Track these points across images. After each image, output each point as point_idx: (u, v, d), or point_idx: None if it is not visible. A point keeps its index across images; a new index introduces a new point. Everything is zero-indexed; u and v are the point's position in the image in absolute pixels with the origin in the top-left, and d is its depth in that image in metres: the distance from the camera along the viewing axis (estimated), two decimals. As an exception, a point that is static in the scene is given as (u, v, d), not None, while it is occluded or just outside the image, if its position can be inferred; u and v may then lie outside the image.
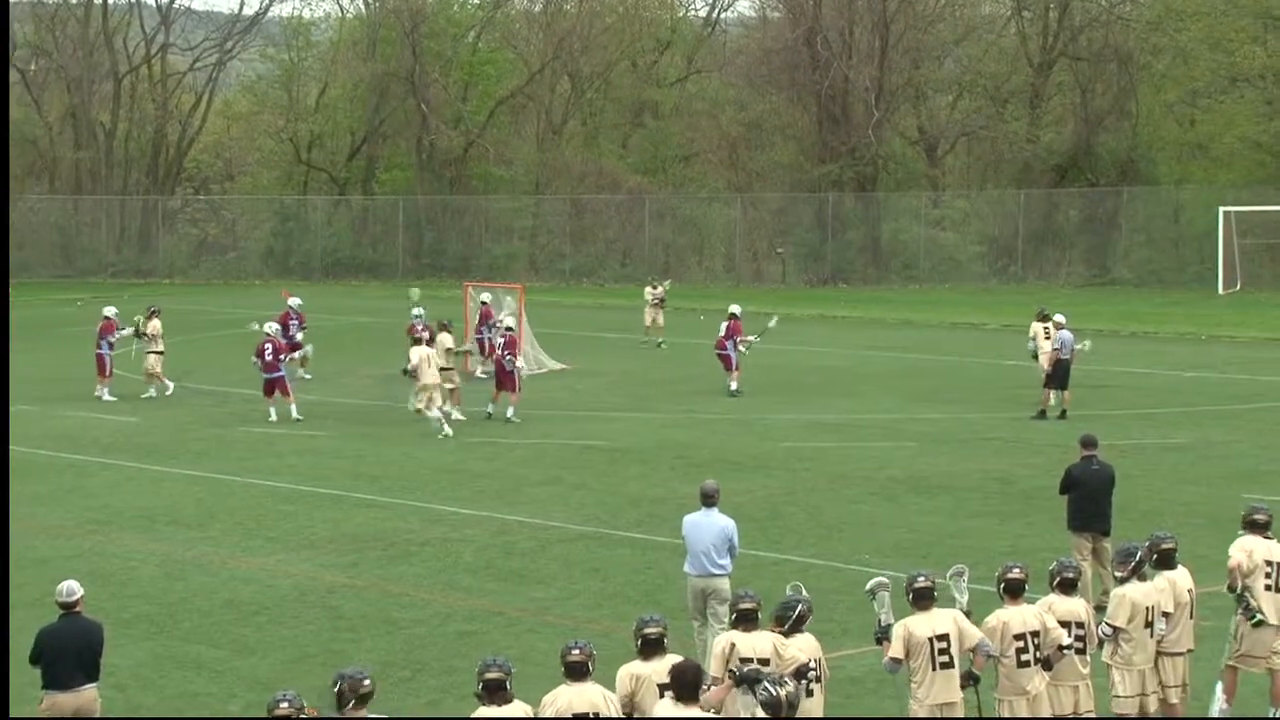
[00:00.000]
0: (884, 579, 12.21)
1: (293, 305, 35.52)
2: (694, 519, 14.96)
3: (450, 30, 70.45)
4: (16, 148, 69.71)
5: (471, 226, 67.58)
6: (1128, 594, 12.57)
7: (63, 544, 19.89)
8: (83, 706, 12.10)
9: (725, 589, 14.45)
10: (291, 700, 9.67)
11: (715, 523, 14.84)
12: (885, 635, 11.83)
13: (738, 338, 33.06)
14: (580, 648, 10.47)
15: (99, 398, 31.83)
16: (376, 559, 19.29)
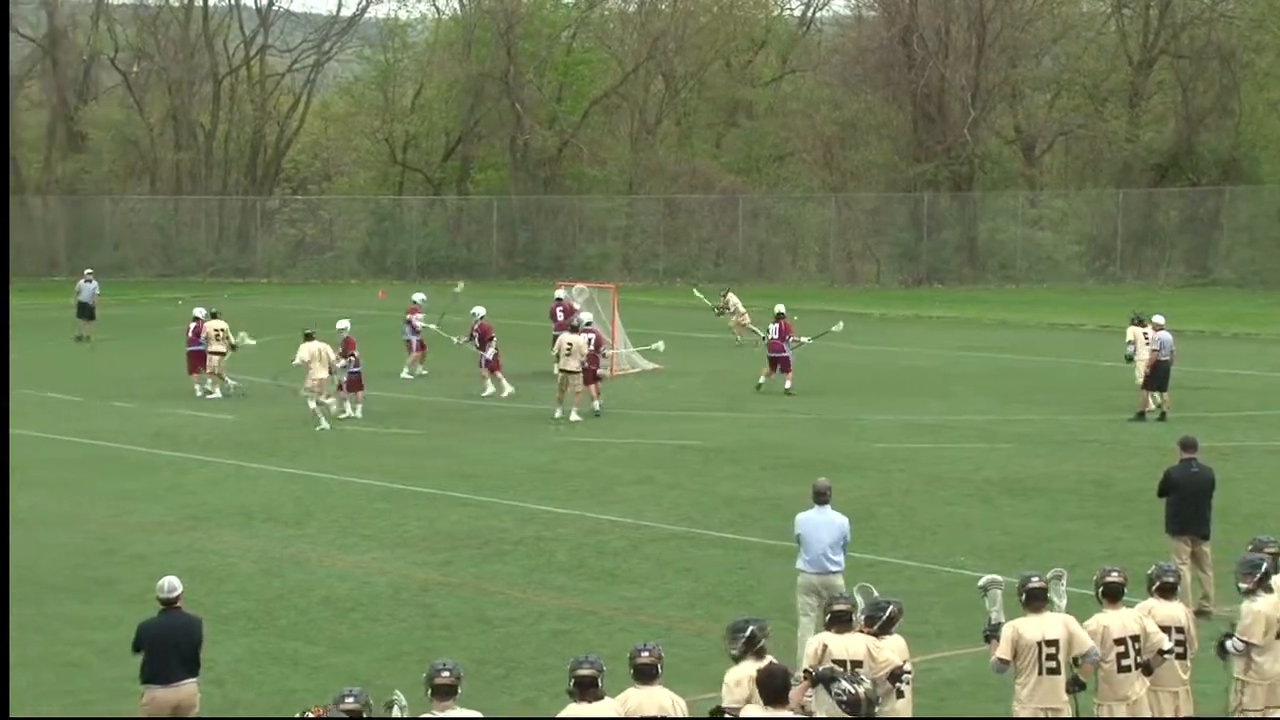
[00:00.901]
0: (998, 577, 12.05)
1: (417, 300, 35.80)
2: (809, 517, 15.07)
3: (545, 30, 70.66)
4: (119, 148, 70.84)
5: (565, 226, 67.75)
6: (1259, 609, 12.12)
7: (161, 540, 20.11)
8: (182, 701, 12.21)
9: (841, 586, 14.49)
10: (358, 696, 9.71)
11: (831, 520, 15.01)
12: (994, 634, 11.67)
13: (790, 337, 33.02)
14: (650, 650, 10.40)
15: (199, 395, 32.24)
16: (470, 557, 19.35)
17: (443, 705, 9.87)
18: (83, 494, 22.87)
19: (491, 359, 32.19)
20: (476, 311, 32.95)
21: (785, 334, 32.97)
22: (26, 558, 19.02)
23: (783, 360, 32.82)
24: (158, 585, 12.50)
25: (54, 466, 24.86)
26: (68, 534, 20.38)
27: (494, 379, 32.24)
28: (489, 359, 32.16)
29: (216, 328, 32.34)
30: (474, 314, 32.90)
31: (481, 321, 32.43)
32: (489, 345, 32.22)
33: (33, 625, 16.32)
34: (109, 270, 65.08)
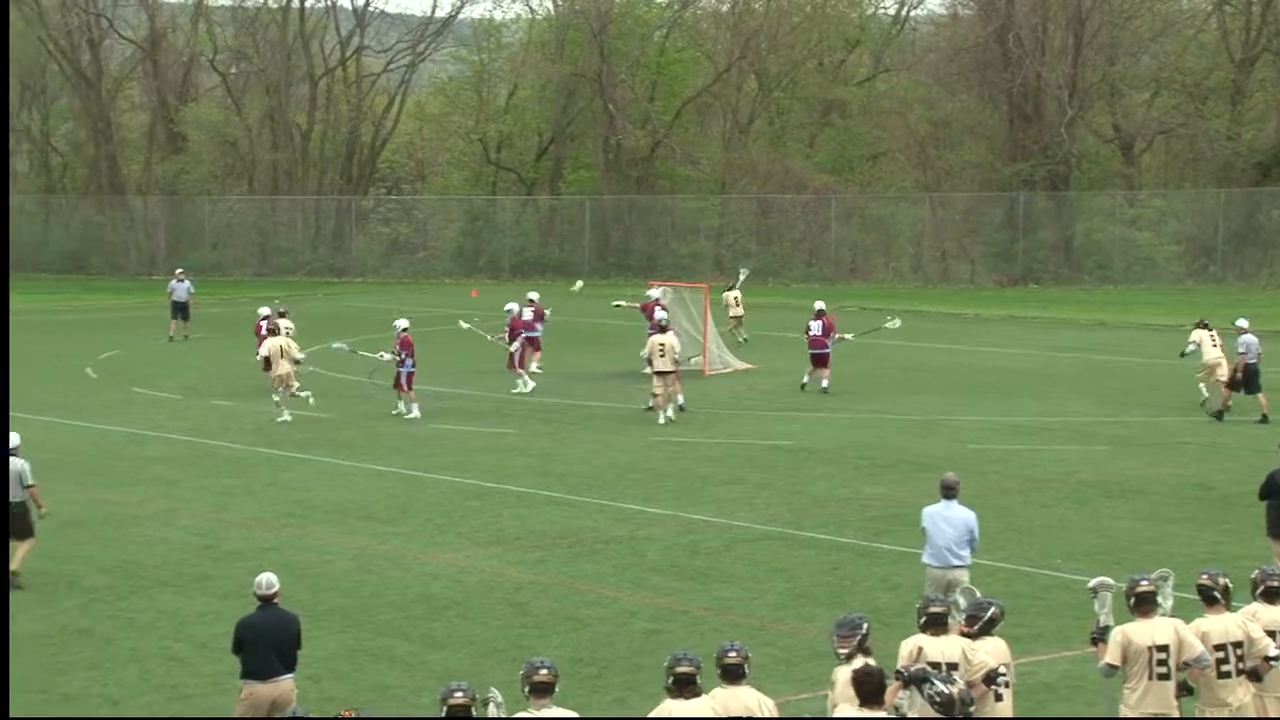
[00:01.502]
0: (1108, 579, 11.90)
1: (533, 298, 36.12)
2: (935, 511, 15.24)
3: (638, 30, 70.74)
4: (217, 149, 71.71)
5: (657, 226, 67.80)
6: None
7: (259, 537, 20.33)
8: (280, 697, 12.33)
9: (965, 581, 14.56)
10: (466, 690, 9.74)
11: (958, 515, 15.17)
12: (1102, 637, 11.52)
13: (834, 334, 32.94)
14: (737, 650, 10.37)
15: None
16: (563, 556, 19.41)
17: (539, 704, 9.89)
18: (184, 490, 23.15)
19: (515, 354, 32.73)
20: (511, 308, 33.51)
21: (828, 331, 32.97)
22: (132, 552, 19.33)
23: (823, 357, 32.79)
24: (255, 582, 12.63)
25: (158, 463, 25.22)
26: (170, 529, 20.65)
27: (517, 374, 32.80)
28: (511, 353, 32.80)
29: (285, 327, 32.41)
30: (509, 310, 33.44)
31: (514, 318, 33.06)
32: (515, 340, 32.90)
33: (141, 619, 16.54)
34: (207, 270, 65.99)
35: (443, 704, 9.62)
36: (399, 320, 30.84)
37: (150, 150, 73.40)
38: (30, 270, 67.70)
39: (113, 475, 24.16)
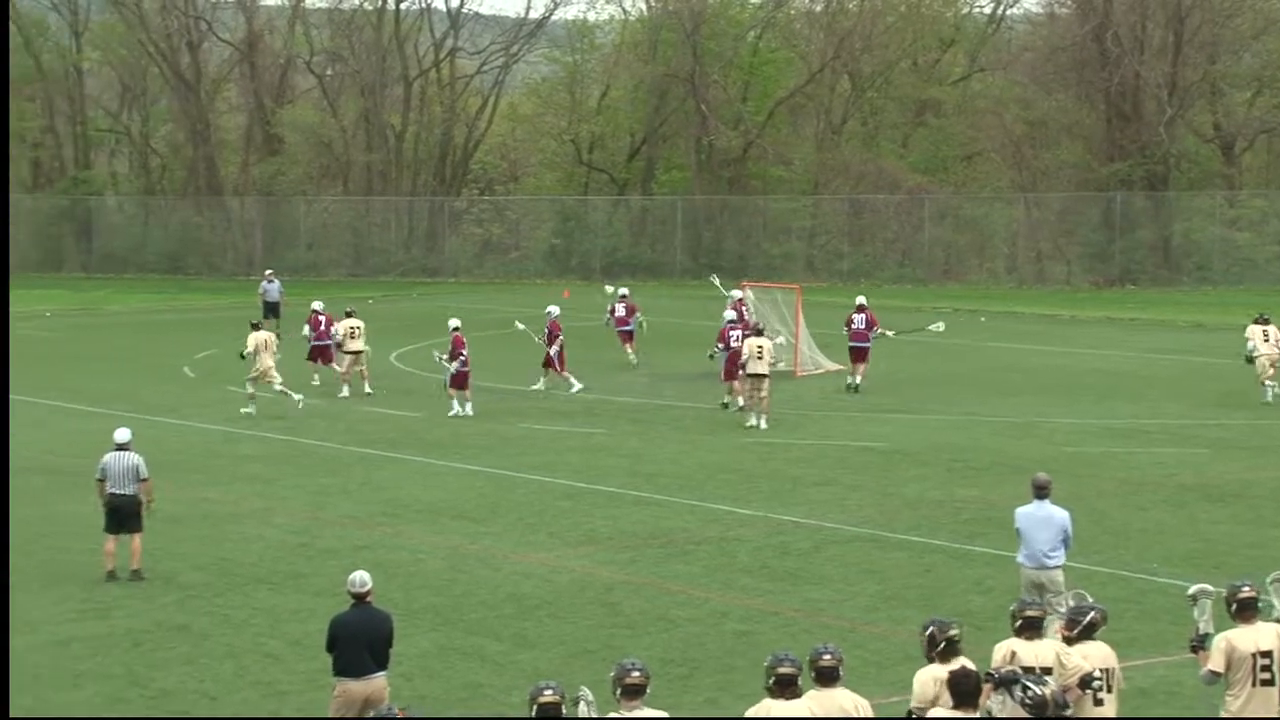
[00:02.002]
0: (1208, 586, 11.72)
1: (624, 293, 36.99)
2: (1028, 511, 15.22)
3: (730, 31, 70.65)
4: (313, 150, 72.41)
5: (749, 226, 67.67)
6: None
7: (352, 535, 20.48)
8: (373, 694, 12.39)
9: (1061, 580, 14.62)
10: (555, 688, 9.72)
11: (1051, 515, 15.16)
12: (1202, 644, 11.33)
13: (876, 328, 32.75)
14: (831, 652, 10.30)
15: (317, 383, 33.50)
16: (654, 556, 19.41)
17: (631, 705, 9.87)
18: (280, 488, 23.37)
19: (555, 356, 32.82)
20: (551, 310, 33.68)
21: (870, 325, 32.83)
22: (229, 550, 19.55)
23: (864, 351, 32.61)
24: (349, 580, 12.70)
25: (254, 462, 25.49)
26: (266, 527, 20.85)
27: (547, 375, 32.98)
28: (552, 354, 32.86)
29: (351, 326, 32.48)
30: (548, 313, 33.61)
31: (553, 320, 33.14)
32: (554, 343, 32.95)
33: (237, 616, 16.72)
34: (302, 270, 66.67)
35: (532, 703, 9.61)
36: (452, 320, 31.07)
37: (247, 152, 74.22)
38: (132, 271, 68.74)
39: (210, 473, 24.45)
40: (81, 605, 17.07)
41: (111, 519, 18.10)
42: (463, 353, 29.88)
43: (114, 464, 18.18)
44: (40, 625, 16.33)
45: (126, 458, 18.24)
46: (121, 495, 18.12)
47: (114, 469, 18.16)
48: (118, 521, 18.10)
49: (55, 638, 15.93)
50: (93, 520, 18.44)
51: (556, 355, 32.93)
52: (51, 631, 16.15)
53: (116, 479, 18.13)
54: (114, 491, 18.12)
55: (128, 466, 18.21)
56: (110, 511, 18.11)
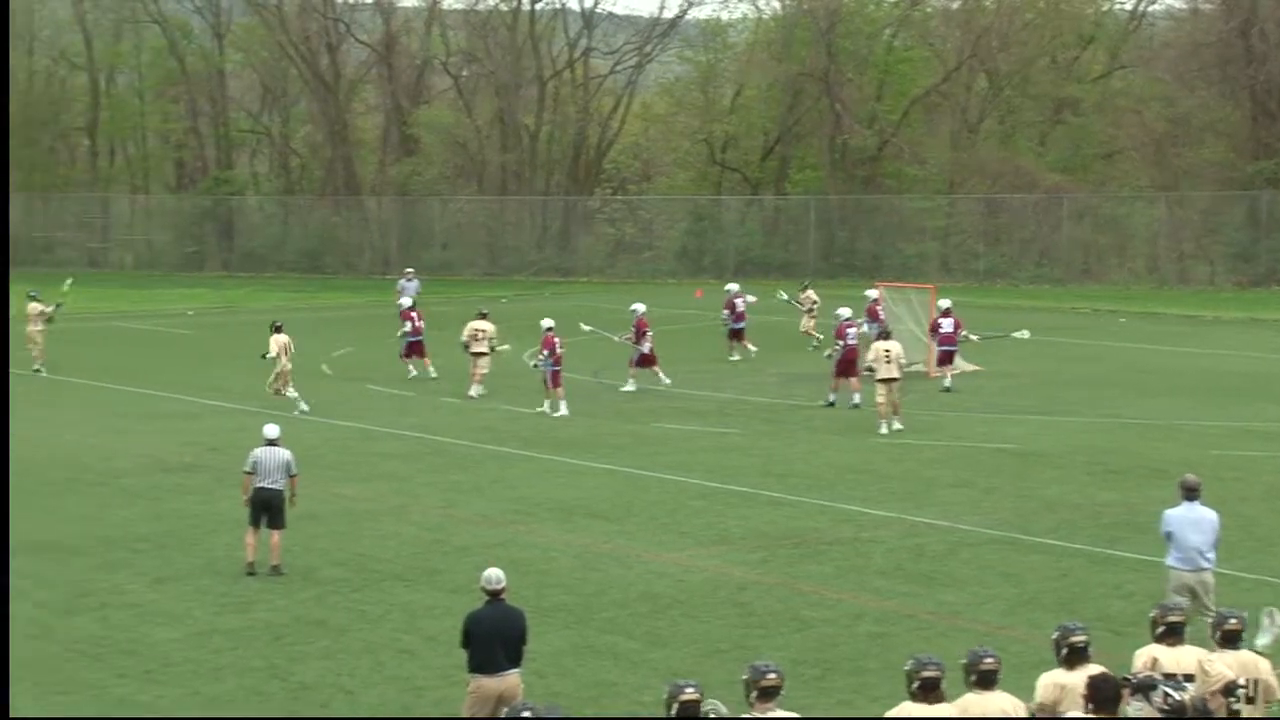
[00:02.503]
0: None
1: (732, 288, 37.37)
2: (1178, 514, 15.08)
3: (865, 29, 70.22)
4: (448, 150, 73.08)
5: (884, 226, 67.21)
6: None
7: (485, 533, 20.61)
8: (507, 691, 12.44)
9: (1212, 583, 14.56)
10: (696, 687, 9.65)
11: (1204, 516, 15.06)
12: None
13: (961, 331, 32.39)
14: (993, 655, 10.19)
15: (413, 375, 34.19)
16: (786, 557, 19.32)
17: (765, 707, 9.82)
18: (415, 486, 23.60)
19: (647, 353, 33.00)
20: (637, 308, 33.66)
21: (958, 328, 32.81)
22: (365, 546, 19.76)
23: (951, 355, 32.43)
24: (483, 577, 12.75)
25: (390, 459, 25.74)
26: (401, 524, 21.05)
27: (637, 374, 33.04)
28: (644, 353, 33.05)
29: (477, 328, 32.52)
30: (634, 310, 33.60)
31: (640, 317, 33.19)
32: (644, 340, 33.06)
33: (373, 612, 16.90)
34: (436, 269, 67.29)
35: (672, 701, 9.52)
36: (545, 320, 31.19)
37: (384, 152, 75.11)
38: (271, 270, 69.84)
39: (347, 470, 24.74)
40: (222, 599, 17.35)
41: (256, 512, 18.35)
42: (551, 352, 30.01)
43: (266, 458, 18.45)
44: (183, 618, 16.63)
45: (278, 453, 18.52)
46: (270, 489, 18.38)
47: (265, 463, 18.43)
48: (261, 515, 18.35)
49: (197, 630, 16.20)
50: (231, 514, 18.72)
51: (646, 353, 33.04)
52: (194, 624, 16.43)
53: (267, 473, 18.40)
54: (262, 485, 18.38)
55: (279, 461, 18.49)
56: (256, 505, 18.36)
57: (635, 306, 33.90)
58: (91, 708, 13.95)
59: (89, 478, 23.92)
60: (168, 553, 19.28)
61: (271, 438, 18.62)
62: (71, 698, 14.16)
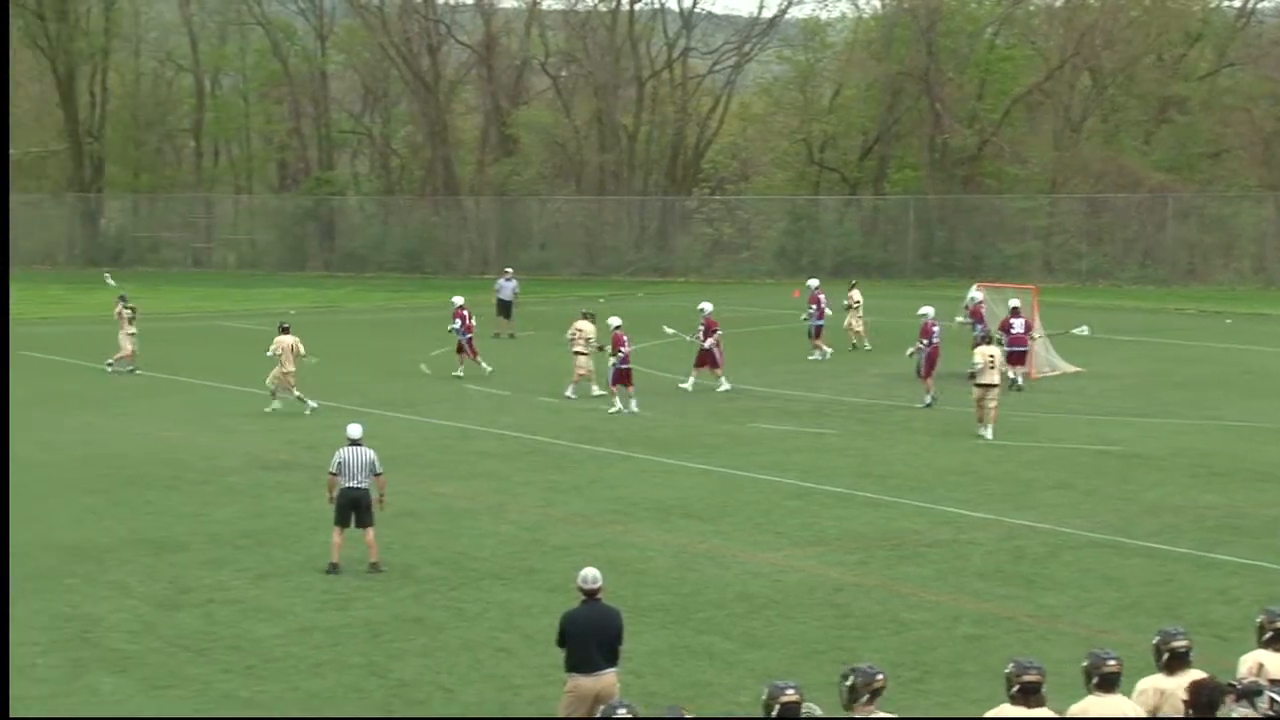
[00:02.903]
0: None
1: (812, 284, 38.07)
2: None
3: (966, 28, 69.72)
4: (547, 150, 73.35)
5: (984, 226, 66.66)
6: None
7: (583, 532, 20.66)
8: (603, 690, 12.45)
9: None
10: (796, 688, 9.59)
11: None
12: None
13: (1034, 331, 32.14)
14: (1116, 658, 10.01)
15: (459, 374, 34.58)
16: (884, 558, 19.21)
17: (866, 709, 9.77)
18: (512, 485, 23.70)
19: (706, 350, 32.97)
20: (704, 307, 33.67)
21: (1029, 328, 32.76)
22: (463, 544, 19.87)
23: (1023, 355, 32.27)
24: (580, 576, 12.77)
25: (488, 458, 25.88)
26: (499, 523, 21.15)
27: (699, 373, 33.13)
28: (703, 350, 33.05)
29: (578, 328, 32.44)
30: (701, 309, 33.59)
31: (708, 317, 33.23)
32: (709, 339, 33.05)
33: (471, 610, 16.99)
34: (534, 269, 67.58)
35: (773, 702, 9.45)
36: (613, 318, 31.33)
37: (483, 152, 75.52)
38: (371, 269, 70.46)
39: (445, 469, 24.90)
40: (323, 596, 17.51)
41: (343, 512, 18.50)
42: (622, 350, 30.07)
43: (351, 458, 18.59)
44: (284, 614, 16.80)
45: (362, 452, 18.66)
46: (356, 489, 18.53)
47: (350, 463, 18.58)
48: (349, 515, 18.51)
49: (298, 626, 16.37)
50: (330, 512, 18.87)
51: (713, 351, 32.96)
52: (294, 620, 16.60)
53: (351, 473, 18.55)
54: (348, 485, 18.53)
55: (363, 461, 18.63)
56: (343, 505, 18.51)
57: (703, 305, 33.95)
58: (194, 703, 14.13)
59: (192, 476, 24.24)
60: (269, 550, 19.50)
61: (355, 437, 18.76)
62: (175, 692, 14.35)
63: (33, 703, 14.03)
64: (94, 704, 14.04)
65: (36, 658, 15.24)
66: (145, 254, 75.11)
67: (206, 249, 76.57)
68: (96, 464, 25.16)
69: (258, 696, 14.26)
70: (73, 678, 14.71)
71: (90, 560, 18.99)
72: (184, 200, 78.31)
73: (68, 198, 77.25)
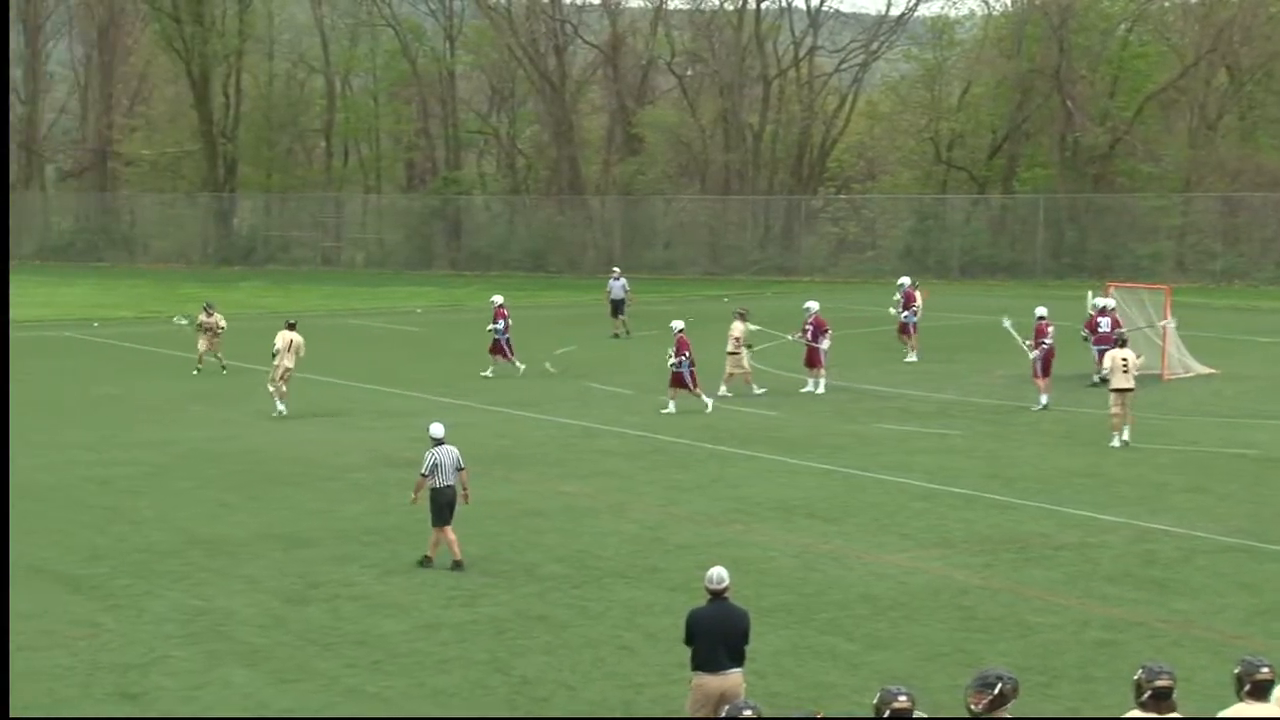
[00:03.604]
0: None
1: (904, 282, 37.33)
2: None
3: (1100, 25, 68.72)
4: (672, 150, 73.40)
5: (1115, 225, 65.66)
6: None
7: (705, 531, 20.64)
8: (729, 689, 12.40)
9: None
10: (909, 695, 9.48)
11: None
12: None
13: (1121, 329, 31.68)
14: (1269, 665, 9.76)
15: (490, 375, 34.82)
16: (1010, 561, 18.99)
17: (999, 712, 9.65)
18: (635, 484, 23.74)
19: (815, 348, 32.80)
20: (810, 306, 33.55)
21: (1116, 326, 32.38)
22: (586, 542, 19.94)
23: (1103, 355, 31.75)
24: (706, 576, 12.71)
25: (611, 457, 25.95)
26: (622, 521, 21.20)
27: (813, 373, 32.90)
28: (812, 347, 32.84)
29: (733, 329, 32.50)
30: (807, 309, 33.49)
31: (816, 316, 33.10)
32: (823, 338, 32.91)
33: (594, 608, 17.04)
34: (658, 268, 67.72)
35: (884, 707, 9.39)
36: (675, 321, 31.20)
37: (608, 151, 75.75)
38: (497, 268, 70.97)
39: (569, 467, 25.00)
40: (449, 592, 17.64)
41: (443, 511, 18.67)
42: (685, 354, 30.00)
43: (443, 458, 18.76)
44: (410, 610, 16.95)
45: (450, 450, 18.83)
46: (449, 488, 18.70)
47: (444, 463, 18.74)
48: (444, 513, 18.68)
49: (424, 622, 16.51)
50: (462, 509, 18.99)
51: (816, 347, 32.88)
52: (420, 616, 16.74)
53: (445, 473, 18.71)
54: (445, 485, 18.69)
55: (453, 459, 18.81)
56: (443, 504, 18.67)
57: (809, 305, 33.80)
58: (321, 697, 14.30)
59: (321, 472, 24.55)
60: (395, 546, 19.70)
61: (439, 436, 18.89)
62: (302, 686, 14.54)
63: (167, 694, 14.29)
64: (226, 696, 14.26)
65: (172, 650, 15.51)
66: (276, 253, 76.26)
67: (335, 248, 77.58)
68: (231, 460, 25.58)
69: (384, 692, 14.41)
70: (207, 669, 14.96)
71: (224, 555, 19.31)
72: (314, 200, 79.40)
73: (201, 198, 78.63)
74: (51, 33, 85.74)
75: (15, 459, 25.23)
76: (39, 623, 16.34)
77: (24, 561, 18.82)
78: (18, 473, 24.10)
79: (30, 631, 15.93)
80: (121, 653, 15.42)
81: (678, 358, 30.19)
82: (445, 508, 18.66)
